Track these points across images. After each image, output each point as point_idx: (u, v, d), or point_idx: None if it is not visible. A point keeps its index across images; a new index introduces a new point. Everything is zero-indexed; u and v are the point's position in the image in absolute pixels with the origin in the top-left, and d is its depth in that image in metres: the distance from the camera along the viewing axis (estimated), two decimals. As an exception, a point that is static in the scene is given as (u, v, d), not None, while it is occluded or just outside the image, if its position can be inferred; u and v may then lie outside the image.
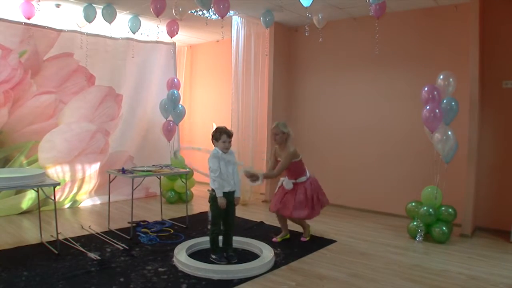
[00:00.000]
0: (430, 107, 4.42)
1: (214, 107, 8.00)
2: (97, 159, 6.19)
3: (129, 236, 4.48)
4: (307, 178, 4.37)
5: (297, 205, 4.26)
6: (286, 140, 4.28)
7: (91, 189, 6.21)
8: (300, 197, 4.26)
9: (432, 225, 4.54)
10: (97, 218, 5.38)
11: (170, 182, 6.36)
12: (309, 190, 4.30)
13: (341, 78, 6.25)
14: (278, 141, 4.29)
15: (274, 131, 4.30)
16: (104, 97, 6.25)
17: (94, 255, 3.83)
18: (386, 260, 3.94)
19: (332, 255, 4.08)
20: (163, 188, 6.25)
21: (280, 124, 4.29)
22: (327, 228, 5.02)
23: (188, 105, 8.02)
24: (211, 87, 8.11)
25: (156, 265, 3.63)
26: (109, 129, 6.34)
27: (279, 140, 4.28)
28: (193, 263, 3.53)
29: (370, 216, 5.74)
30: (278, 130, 4.27)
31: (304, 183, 4.32)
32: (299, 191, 4.28)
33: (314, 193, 4.33)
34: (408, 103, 5.54)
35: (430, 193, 4.57)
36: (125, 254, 3.91)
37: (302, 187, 4.30)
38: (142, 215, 5.49)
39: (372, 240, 4.60)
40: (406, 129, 5.57)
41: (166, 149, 6.61)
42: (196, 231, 4.76)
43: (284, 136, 4.27)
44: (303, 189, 4.28)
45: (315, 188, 4.37)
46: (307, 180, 4.36)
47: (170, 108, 6.40)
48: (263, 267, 3.58)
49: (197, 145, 8.00)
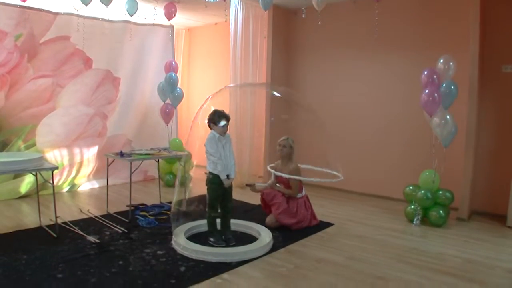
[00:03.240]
0: (429, 91, 4.38)
1: (212, 90, 7.83)
2: (95, 143, 6.15)
3: (127, 219, 4.47)
4: (302, 196, 4.41)
5: (286, 213, 4.26)
6: (290, 155, 4.33)
7: (90, 172, 6.18)
8: (291, 208, 4.29)
9: (429, 209, 4.54)
10: (96, 202, 5.38)
11: (168, 165, 6.36)
12: (301, 207, 4.32)
13: (340, 61, 6.18)
14: (283, 154, 4.33)
15: (283, 143, 4.32)
16: (101, 81, 6.16)
17: (93, 238, 3.83)
18: (383, 243, 3.95)
19: (329, 238, 4.08)
20: (161, 171, 6.22)
21: (290, 139, 4.35)
22: (325, 211, 5.03)
23: (186, 88, 7.97)
24: (209, 70, 8.06)
25: (155, 248, 3.64)
26: (107, 113, 6.28)
27: (285, 153, 4.32)
28: (191, 246, 3.53)
29: (368, 199, 5.75)
30: (287, 143, 4.32)
31: (297, 199, 4.36)
32: (291, 205, 4.31)
33: (306, 211, 4.36)
34: (406, 87, 5.49)
35: (428, 177, 4.57)
36: (124, 237, 3.92)
37: (295, 202, 4.33)
38: (140, 198, 5.49)
39: (370, 223, 4.61)
40: (405, 113, 5.54)
41: (164, 132, 6.58)
42: (195, 214, 4.74)
43: (290, 151, 4.32)
44: (295, 204, 4.31)
45: (308, 205, 4.42)
46: (301, 198, 4.40)
47: (168, 91, 6.36)
48: (261, 249, 3.59)
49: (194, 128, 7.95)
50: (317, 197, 5.49)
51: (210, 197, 3.76)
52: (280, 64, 6.62)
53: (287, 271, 3.28)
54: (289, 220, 4.23)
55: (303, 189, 4.46)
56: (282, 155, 4.36)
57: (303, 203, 4.37)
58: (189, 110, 8.33)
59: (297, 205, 4.31)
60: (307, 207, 4.40)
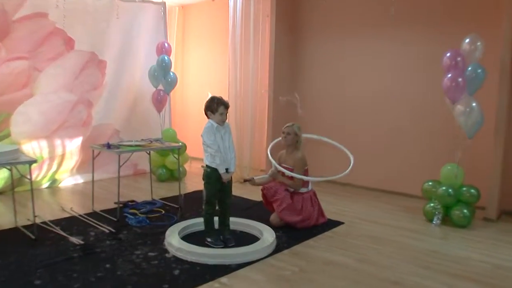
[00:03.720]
0: (452, 75, 4.35)
1: (209, 75, 7.93)
2: (78, 133, 6.13)
3: (115, 218, 4.48)
4: (307, 191, 4.41)
5: (289, 209, 4.26)
6: (296, 144, 4.35)
7: (73, 166, 6.17)
8: (296, 205, 4.30)
9: (451, 207, 4.51)
10: (80, 199, 5.37)
11: (161, 158, 6.35)
12: (306, 203, 4.32)
13: (351, 42, 6.13)
14: (288, 142, 4.35)
15: (287, 130, 4.35)
16: (85, 64, 6.12)
17: (76, 239, 3.82)
18: (399, 244, 3.95)
19: (339, 238, 4.09)
20: (153, 164, 6.22)
21: (295, 126, 4.37)
22: (334, 208, 5.01)
23: (180, 73, 7.92)
24: (205, 53, 8.02)
25: (146, 250, 3.66)
26: (92, 100, 6.25)
27: (289, 140, 4.35)
28: (186, 247, 3.54)
29: (382, 196, 5.75)
30: (292, 130, 4.34)
31: (303, 195, 4.37)
32: (296, 201, 4.31)
33: (315, 205, 4.37)
34: (427, 70, 5.44)
35: (450, 171, 4.55)
36: (111, 237, 3.93)
37: (300, 198, 4.34)
38: (130, 194, 5.48)
39: (384, 222, 4.61)
40: (425, 99, 5.50)
41: (156, 121, 6.56)
42: (190, 212, 4.78)
43: (296, 138, 4.34)
44: (300, 200, 4.33)
45: (314, 201, 4.42)
46: (307, 192, 4.40)
47: (160, 75, 6.34)
48: (263, 251, 3.59)
49: (189, 117, 7.96)
50: (325, 193, 5.49)
51: (207, 193, 3.77)
52: (284, 45, 6.56)
53: (292, 274, 3.28)
54: (293, 217, 4.24)
55: (309, 183, 4.45)
56: (287, 143, 4.37)
57: (309, 198, 4.37)
58: (183, 97, 8.30)
59: (302, 201, 4.31)
60: (314, 203, 4.40)
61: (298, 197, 4.34)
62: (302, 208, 4.29)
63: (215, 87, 7.40)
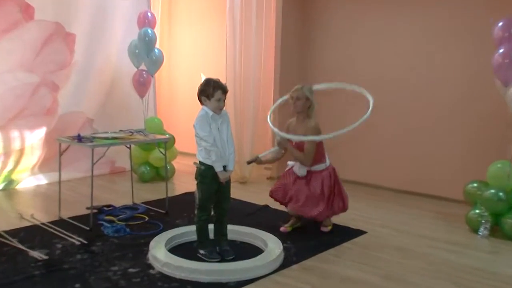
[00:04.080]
0: (505, 50, 4.32)
1: (203, 53, 7.96)
2: (41, 123, 6.14)
3: (88, 226, 4.49)
4: (326, 167, 4.47)
5: (310, 199, 4.35)
6: (308, 110, 4.38)
7: (34, 164, 6.17)
8: (315, 189, 4.36)
9: (502, 215, 4.48)
10: (43, 204, 5.39)
11: (144, 153, 6.38)
12: (326, 183, 4.38)
13: (373, 11, 6.15)
14: (299, 109, 4.37)
15: (296, 94, 4.35)
16: (48, 37, 6.10)
17: (38, 254, 3.80)
18: (434, 259, 3.94)
19: (360, 250, 4.11)
20: (134, 161, 6.23)
21: (305, 88, 4.36)
22: (355, 214, 4.98)
23: (167, 50, 7.92)
24: (198, 25, 8.02)
25: (125, 265, 3.65)
26: (58, 82, 6.24)
27: (299, 107, 4.36)
28: (175, 261, 3.54)
29: (413, 199, 5.76)
30: (301, 94, 4.34)
31: (321, 173, 4.42)
32: (314, 183, 4.38)
33: (333, 187, 4.42)
34: (470, 45, 5.42)
35: (500, 170, 4.51)
36: (83, 251, 3.92)
37: (318, 178, 4.40)
38: (106, 198, 5.50)
39: (415, 232, 4.62)
40: (467, 82, 5.49)
41: (138, 108, 6.58)
42: (180, 218, 4.80)
43: (307, 104, 4.36)
44: (319, 180, 4.39)
45: (335, 181, 4.47)
46: (325, 169, 4.46)
47: (142, 53, 6.34)
48: (268, 266, 3.61)
49: (179, 103, 7.94)
50: None
51: (201, 196, 3.77)
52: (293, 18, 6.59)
53: (303, 295, 3.25)
54: (317, 208, 4.31)
55: (326, 157, 4.47)
56: (297, 110, 4.41)
57: (328, 177, 4.42)
58: (171, 79, 8.36)
59: (322, 182, 4.37)
60: (336, 182, 4.45)
61: (315, 179, 4.39)
62: (322, 190, 4.34)
63: (209, 68, 7.46)
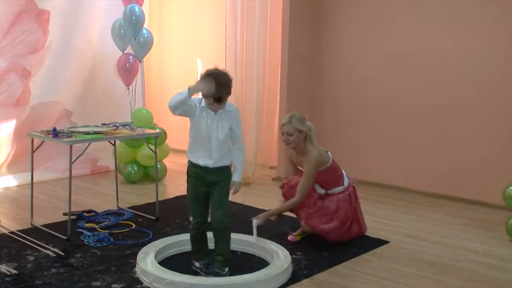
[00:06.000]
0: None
1: (198, 35, 7.94)
2: (10, 115, 6.15)
3: (65, 235, 4.43)
4: (344, 189, 4.52)
5: (322, 211, 4.40)
6: (305, 141, 4.39)
7: (2, 163, 6.20)
8: (330, 204, 4.44)
9: (550, 223, 4.42)
10: (12, 209, 5.38)
11: (131, 151, 6.34)
12: (343, 205, 4.42)
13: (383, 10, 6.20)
14: (293, 145, 4.40)
15: (285, 129, 4.34)
16: (17, 15, 6.09)
17: (6, 267, 3.76)
18: (470, 274, 3.91)
19: (381, 263, 4.09)
20: (119, 159, 6.18)
21: (294, 119, 4.33)
22: (375, 221, 5.00)
23: (157, 31, 7.92)
24: (193, 2, 8.00)
25: (109, 280, 3.64)
26: (30, 67, 6.25)
27: (294, 143, 4.37)
28: (166, 275, 3.51)
29: (443, 204, 5.73)
30: (291, 128, 4.30)
31: (338, 195, 4.50)
32: (329, 200, 4.48)
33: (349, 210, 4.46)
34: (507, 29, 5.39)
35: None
36: (59, 264, 3.88)
37: (334, 197, 4.49)
38: (86, 202, 5.49)
39: (446, 242, 4.59)
40: (506, 78, 5.44)
41: (124, 99, 6.53)
42: (172, 226, 4.79)
43: (302, 136, 4.35)
44: (335, 200, 4.47)
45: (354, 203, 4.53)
46: (344, 191, 4.51)
47: (128, 34, 6.28)
48: (274, 280, 3.59)
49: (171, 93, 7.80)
50: (363, 199, 5.38)
51: (187, 198, 3.80)
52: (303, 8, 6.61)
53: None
54: (326, 224, 4.34)
55: (344, 177, 4.51)
56: (291, 147, 4.46)
57: (347, 199, 4.45)
58: (161, 65, 8.39)
59: (338, 202, 4.42)
60: (355, 202, 4.52)
61: (331, 197, 4.47)
62: (338, 210, 4.38)
63: (207, 52, 7.61)
